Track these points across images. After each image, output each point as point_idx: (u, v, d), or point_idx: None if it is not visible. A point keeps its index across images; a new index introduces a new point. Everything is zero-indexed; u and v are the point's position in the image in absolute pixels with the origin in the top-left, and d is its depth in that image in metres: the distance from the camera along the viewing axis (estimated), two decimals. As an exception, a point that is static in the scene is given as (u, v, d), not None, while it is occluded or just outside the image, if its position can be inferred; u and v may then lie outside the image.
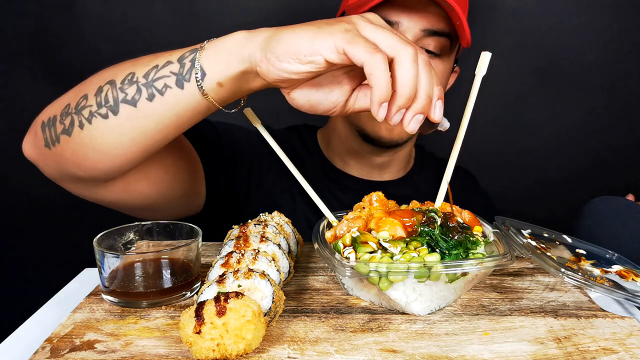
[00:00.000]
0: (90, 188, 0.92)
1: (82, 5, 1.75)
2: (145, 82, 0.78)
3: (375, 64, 0.64)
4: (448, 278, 0.74)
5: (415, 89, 0.68)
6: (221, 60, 0.74)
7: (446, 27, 1.09)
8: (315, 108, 0.77)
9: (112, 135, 0.80)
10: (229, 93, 0.77)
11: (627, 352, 0.66)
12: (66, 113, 0.83)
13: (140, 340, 0.68)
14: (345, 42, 0.65)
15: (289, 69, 0.69)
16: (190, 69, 0.76)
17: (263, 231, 0.84)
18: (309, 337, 0.69)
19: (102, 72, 0.84)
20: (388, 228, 0.75)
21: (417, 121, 0.71)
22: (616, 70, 1.88)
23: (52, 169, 0.90)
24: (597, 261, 0.91)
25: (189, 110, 0.79)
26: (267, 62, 0.70)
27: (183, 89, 0.76)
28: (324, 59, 0.67)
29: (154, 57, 0.80)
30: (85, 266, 0.96)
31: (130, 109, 0.78)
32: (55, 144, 0.85)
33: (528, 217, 1.03)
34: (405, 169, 1.37)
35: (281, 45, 0.68)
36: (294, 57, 0.68)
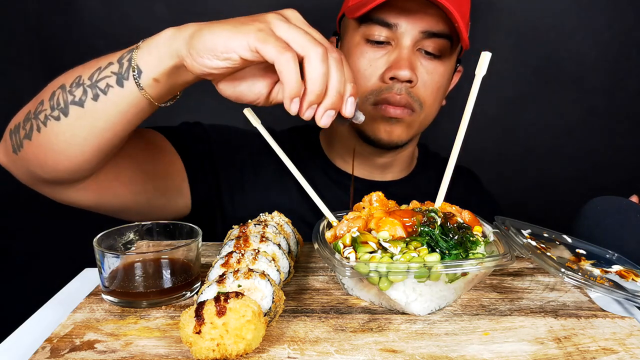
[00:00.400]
0: (62, 191, 0.96)
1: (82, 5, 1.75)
2: (90, 84, 0.83)
3: (284, 62, 0.69)
4: (448, 278, 0.74)
5: (324, 86, 0.73)
6: (154, 57, 0.79)
7: (446, 28, 1.09)
8: (240, 98, 0.82)
9: (65, 135, 0.84)
10: (166, 87, 0.82)
11: (627, 352, 0.66)
12: (27, 119, 0.88)
13: (140, 340, 0.68)
14: (257, 41, 0.70)
15: (208, 64, 0.74)
16: (128, 67, 0.80)
17: (263, 231, 0.84)
18: (309, 337, 0.69)
19: (57, 78, 0.89)
20: (388, 228, 0.75)
21: (328, 116, 0.76)
22: (616, 70, 1.88)
23: (22, 173, 0.96)
24: (597, 261, 0.91)
25: (132, 107, 0.83)
26: (190, 57, 0.75)
27: (123, 87, 0.81)
28: (238, 56, 0.72)
29: (99, 60, 0.85)
30: (85, 266, 0.96)
31: (79, 110, 0.83)
32: (20, 149, 0.90)
33: (528, 217, 1.03)
34: (407, 169, 1.37)
35: (201, 42, 0.73)
36: (212, 54, 0.73)
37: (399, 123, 1.15)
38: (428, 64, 1.12)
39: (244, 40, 0.70)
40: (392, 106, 1.12)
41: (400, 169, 1.34)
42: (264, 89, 0.81)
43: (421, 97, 1.14)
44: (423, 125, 1.21)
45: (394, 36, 1.09)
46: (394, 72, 1.09)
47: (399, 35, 1.09)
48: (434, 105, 1.18)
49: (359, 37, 1.13)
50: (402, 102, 1.11)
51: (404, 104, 1.12)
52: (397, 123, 1.15)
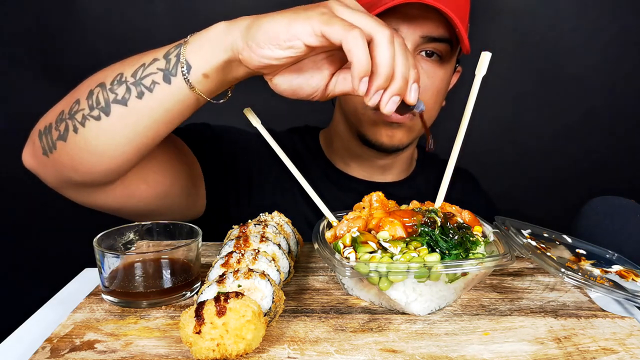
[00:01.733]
0: (90, 194, 0.93)
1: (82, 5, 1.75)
2: (134, 81, 0.80)
3: (353, 40, 0.66)
4: (448, 278, 0.74)
5: (392, 69, 0.70)
6: (205, 52, 0.76)
7: (445, 32, 1.09)
8: (297, 93, 0.79)
9: (105, 136, 0.82)
10: (215, 84, 0.79)
11: (627, 352, 0.66)
12: (60, 119, 0.85)
13: (140, 340, 0.68)
14: (322, 24, 0.67)
15: (269, 54, 0.71)
16: (176, 63, 0.78)
17: (263, 231, 0.84)
18: (309, 337, 0.69)
19: (93, 76, 0.86)
20: (388, 228, 0.75)
21: (394, 102, 0.73)
22: (616, 70, 1.88)
23: (52, 177, 0.92)
24: (597, 261, 0.91)
25: (178, 104, 0.81)
26: (248, 49, 0.72)
27: (170, 83, 0.78)
28: (302, 44, 0.69)
29: (141, 56, 0.82)
30: (85, 266, 0.96)
31: (122, 109, 0.80)
32: (52, 150, 0.86)
33: (528, 217, 1.03)
34: (407, 170, 1.37)
35: (261, 32, 0.70)
36: (274, 43, 0.70)
37: (400, 127, 1.16)
38: (428, 68, 1.12)
39: (307, 26, 0.68)
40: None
41: (400, 171, 1.35)
42: (322, 81, 0.78)
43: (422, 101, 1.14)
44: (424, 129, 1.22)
45: None
46: None
47: None
48: (434, 108, 1.19)
49: None
50: None
51: None
52: (399, 127, 1.16)
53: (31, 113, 0.93)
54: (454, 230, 0.76)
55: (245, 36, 0.72)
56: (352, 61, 0.67)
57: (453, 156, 0.84)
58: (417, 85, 0.75)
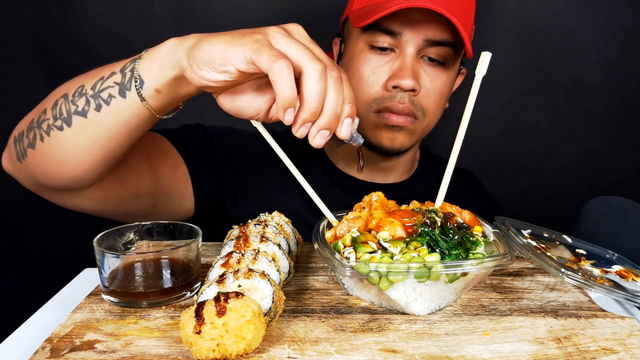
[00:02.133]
0: (66, 197, 0.96)
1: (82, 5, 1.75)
2: (93, 94, 0.82)
3: (278, 71, 0.65)
4: (448, 278, 0.74)
5: (319, 104, 0.69)
6: (156, 68, 0.78)
7: (449, 36, 1.09)
8: (240, 113, 0.80)
9: (68, 145, 0.84)
10: (167, 99, 0.81)
11: (627, 352, 0.66)
12: (30, 127, 0.88)
13: (140, 340, 0.68)
14: (252, 52, 0.68)
15: (207, 77, 0.72)
16: (130, 78, 0.79)
17: (263, 231, 0.84)
18: (309, 337, 0.69)
19: (60, 87, 0.88)
20: (388, 228, 0.75)
21: (322, 136, 0.72)
22: (616, 70, 1.88)
23: (27, 180, 0.96)
24: (597, 261, 0.91)
25: (134, 118, 0.82)
26: (190, 69, 0.73)
27: (126, 97, 0.80)
28: (235, 69, 0.70)
29: (102, 69, 0.84)
30: (85, 266, 0.96)
31: (82, 120, 0.82)
32: (24, 157, 0.90)
33: (528, 217, 1.03)
34: (409, 171, 1.37)
35: (200, 54, 0.71)
36: (210, 66, 0.71)
37: (402, 130, 1.16)
38: (431, 72, 1.12)
39: (239, 52, 0.68)
40: (394, 114, 1.12)
41: (402, 172, 1.34)
42: (263, 105, 0.79)
43: (424, 105, 1.14)
44: (425, 132, 1.22)
45: (397, 44, 1.09)
46: (397, 81, 1.09)
47: (403, 44, 1.09)
48: (436, 112, 1.18)
49: (362, 44, 1.13)
50: (405, 111, 1.11)
51: (406, 112, 1.12)
52: (400, 131, 1.15)
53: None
54: (454, 230, 0.76)
55: (187, 55, 0.73)
56: (276, 92, 0.67)
57: (453, 156, 0.84)
58: (351, 120, 0.74)
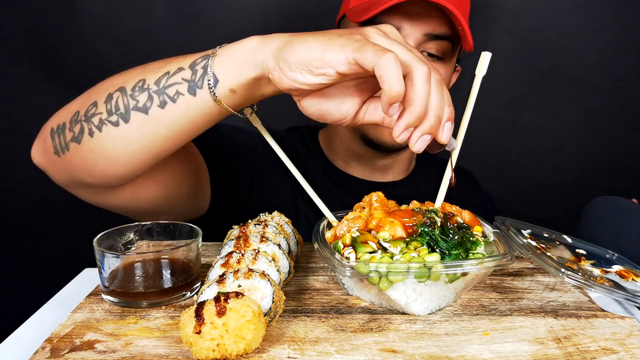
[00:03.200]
0: (99, 194, 0.93)
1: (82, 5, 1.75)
2: (157, 89, 0.77)
3: (385, 64, 0.62)
4: (448, 278, 0.74)
5: (425, 108, 0.67)
6: (234, 67, 0.73)
7: (448, 30, 1.09)
8: (325, 117, 0.76)
9: (123, 142, 0.80)
10: (241, 99, 0.77)
11: (627, 352, 0.66)
12: (75, 120, 0.83)
13: (140, 340, 0.68)
14: (355, 51, 0.64)
15: (300, 79, 0.69)
16: (203, 75, 0.75)
17: (263, 231, 0.84)
18: (309, 337, 0.69)
19: (111, 78, 0.83)
20: (388, 228, 0.75)
21: (424, 141, 0.69)
22: (616, 71, 1.88)
23: (62, 176, 0.90)
24: (597, 261, 0.91)
25: (201, 117, 0.78)
26: (279, 70, 0.69)
27: (195, 95, 0.76)
28: (335, 72, 0.67)
29: (165, 63, 0.80)
30: (85, 266, 0.96)
31: (142, 117, 0.78)
32: (64, 151, 0.84)
33: (528, 217, 1.03)
34: (407, 170, 1.37)
35: (293, 55, 0.68)
36: (306, 69, 0.67)
37: None
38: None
39: (341, 54, 0.65)
40: None
41: (400, 170, 1.34)
42: (352, 108, 0.75)
43: None
44: None
45: None
46: None
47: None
48: None
49: None
50: None
51: None
52: None
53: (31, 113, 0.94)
54: (454, 230, 0.76)
55: (277, 56, 0.69)
56: (383, 86, 0.63)
57: (453, 156, 0.83)
58: (451, 124, 0.71)
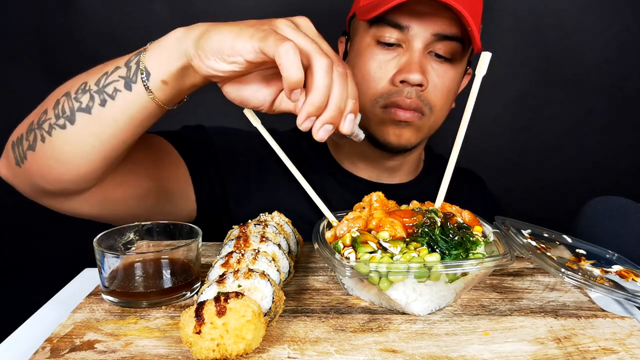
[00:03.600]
0: (66, 202, 0.94)
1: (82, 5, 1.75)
2: (97, 89, 0.81)
3: (284, 53, 0.66)
4: (448, 278, 0.74)
5: (325, 99, 0.70)
6: (162, 59, 0.77)
7: (458, 31, 1.08)
8: (245, 103, 0.81)
9: (71, 144, 0.83)
10: (173, 90, 0.80)
11: (627, 352, 0.66)
12: (30, 130, 0.86)
13: (140, 340, 0.68)
14: (259, 41, 0.68)
15: (215, 66, 0.73)
16: (136, 70, 0.79)
17: (263, 231, 0.84)
18: (309, 337, 0.69)
19: (61, 86, 0.87)
20: (388, 228, 0.75)
21: (325, 130, 0.73)
22: (616, 70, 1.88)
23: (25, 186, 0.94)
24: (597, 261, 0.91)
25: (140, 112, 0.81)
26: (198, 58, 0.73)
27: (131, 90, 0.79)
28: (244, 60, 0.71)
29: (104, 65, 0.83)
30: (85, 266, 0.96)
31: (86, 117, 0.81)
32: (23, 161, 0.88)
33: (528, 217, 1.03)
34: (415, 171, 1.36)
35: (208, 44, 0.72)
36: (219, 57, 0.72)
37: (409, 126, 1.15)
38: (439, 68, 1.11)
39: (248, 43, 0.69)
40: (401, 109, 1.11)
41: (408, 172, 1.34)
42: (268, 96, 0.80)
43: (431, 101, 1.13)
44: (432, 129, 1.21)
45: (405, 38, 1.09)
46: (404, 75, 1.08)
47: (410, 38, 1.08)
48: (443, 109, 1.17)
49: (369, 39, 1.12)
50: (412, 106, 1.11)
51: (413, 107, 1.11)
52: (407, 126, 1.15)
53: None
54: (454, 230, 0.76)
55: (196, 45, 0.73)
56: (282, 73, 0.67)
57: (453, 156, 0.84)
58: (354, 116, 0.75)
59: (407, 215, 0.77)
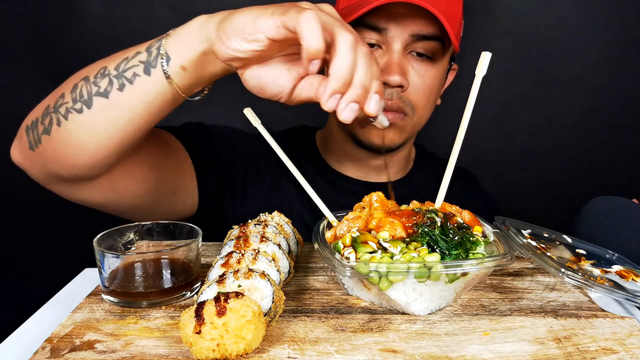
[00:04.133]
0: (76, 188, 0.94)
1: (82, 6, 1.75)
2: (117, 74, 0.81)
3: (305, 21, 0.66)
4: (448, 278, 0.74)
5: (350, 74, 0.70)
6: (184, 44, 0.78)
7: (436, 31, 1.08)
8: (264, 91, 0.80)
9: (87, 129, 0.83)
10: (193, 77, 0.81)
11: (627, 352, 0.66)
12: (46, 113, 0.86)
13: (140, 340, 0.68)
14: (281, 15, 0.69)
15: (235, 46, 0.73)
16: (157, 55, 0.79)
17: (263, 231, 0.84)
18: (309, 337, 0.69)
19: (79, 71, 0.87)
20: (388, 228, 0.75)
21: (351, 110, 0.72)
22: (616, 70, 1.88)
23: (38, 171, 0.93)
24: (597, 261, 0.91)
25: (158, 98, 0.82)
26: (219, 40, 0.74)
27: (150, 75, 0.80)
28: (265, 37, 0.71)
29: (125, 51, 0.84)
30: (85, 266, 0.96)
31: (103, 101, 0.81)
32: (37, 145, 0.88)
33: (528, 217, 1.03)
34: (404, 170, 1.37)
35: (229, 25, 0.73)
36: (240, 36, 0.72)
37: (391, 127, 1.15)
38: (419, 67, 1.12)
39: (270, 20, 0.69)
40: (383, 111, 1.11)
41: (396, 170, 1.34)
42: (289, 82, 0.79)
43: (413, 101, 1.13)
44: (416, 128, 1.21)
45: (384, 40, 1.09)
46: (384, 77, 1.08)
47: (389, 39, 1.08)
48: (426, 108, 1.18)
49: None
50: (394, 107, 1.11)
51: (395, 108, 1.11)
52: (390, 127, 1.15)
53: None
54: (454, 230, 0.76)
55: (217, 28, 0.74)
56: (302, 42, 0.67)
57: (453, 156, 0.84)
58: (379, 97, 0.74)
59: (407, 215, 0.77)
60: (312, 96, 0.78)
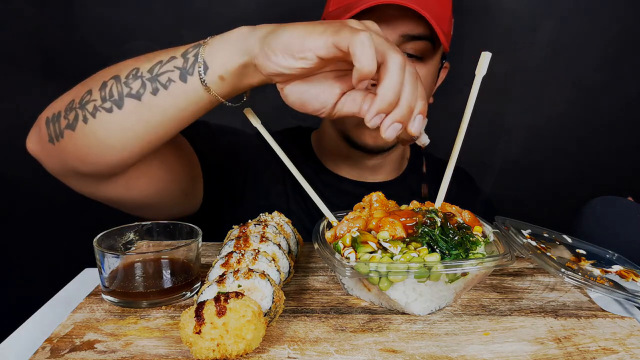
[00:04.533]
0: (93, 184, 0.93)
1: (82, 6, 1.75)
2: (150, 77, 0.80)
3: (359, 42, 0.66)
4: (448, 278, 0.74)
5: (397, 96, 0.70)
6: (223, 54, 0.77)
7: (426, 31, 1.09)
8: (305, 106, 0.79)
9: (116, 129, 0.82)
10: (229, 87, 0.79)
11: (627, 352, 0.66)
12: (70, 108, 0.85)
13: (140, 340, 0.68)
14: (333, 34, 0.68)
15: (282, 63, 0.72)
16: (194, 63, 0.78)
17: (263, 231, 0.84)
18: (309, 337, 0.69)
19: (106, 69, 0.86)
20: (388, 228, 0.75)
21: (394, 129, 0.73)
22: (616, 70, 1.88)
23: (56, 165, 0.91)
24: (597, 261, 0.91)
25: (192, 104, 0.81)
26: (264, 55, 0.73)
27: (186, 82, 0.79)
28: (315, 56, 0.70)
29: (157, 53, 0.82)
30: (85, 266, 0.96)
31: (135, 103, 0.80)
32: (59, 138, 0.86)
33: (528, 217, 1.03)
34: (398, 169, 1.37)
35: (277, 41, 0.71)
36: (288, 53, 0.71)
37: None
38: None
39: (320, 40, 0.69)
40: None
41: (390, 170, 1.34)
42: (331, 99, 0.77)
43: None
44: None
45: None
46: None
47: None
48: None
49: None
50: None
51: None
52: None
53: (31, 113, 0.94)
54: (454, 230, 0.76)
55: (262, 42, 0.73)
56: (355, 63, 0.66)
57: (453, 156, 0.84)
58: (422, 118, 0.74)
59: (407, 215, 0.77)
60: (355, 112, 0.77)
